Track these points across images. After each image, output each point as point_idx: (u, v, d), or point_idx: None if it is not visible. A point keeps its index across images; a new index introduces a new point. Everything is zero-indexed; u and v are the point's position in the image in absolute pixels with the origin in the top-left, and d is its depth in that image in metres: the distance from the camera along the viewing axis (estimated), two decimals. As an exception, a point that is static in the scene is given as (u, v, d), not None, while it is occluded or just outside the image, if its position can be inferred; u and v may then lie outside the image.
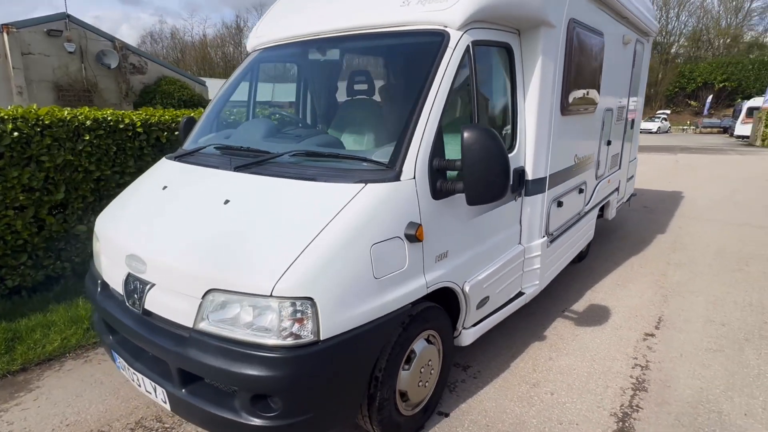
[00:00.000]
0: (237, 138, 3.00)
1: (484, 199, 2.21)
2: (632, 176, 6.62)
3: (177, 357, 1.98)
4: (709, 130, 35.09)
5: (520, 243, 3.30)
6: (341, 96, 3.03)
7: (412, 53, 2.58)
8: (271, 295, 1.82)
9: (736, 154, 18.77)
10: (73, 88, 15.11)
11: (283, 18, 3.34)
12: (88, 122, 4.03)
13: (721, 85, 41.34)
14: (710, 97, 39.35)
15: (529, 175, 3.15)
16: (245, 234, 2.03)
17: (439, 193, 2.33)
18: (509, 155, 2.88)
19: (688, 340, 3.58)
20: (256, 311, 1.87)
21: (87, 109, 4.17)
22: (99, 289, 2.53)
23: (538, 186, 3.25)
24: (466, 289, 2.64)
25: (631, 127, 5.96)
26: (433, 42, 2.48)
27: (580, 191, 4.18)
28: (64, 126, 3.90)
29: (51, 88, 14.65)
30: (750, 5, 47.95)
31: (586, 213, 4.52)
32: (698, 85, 42.46)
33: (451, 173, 2.38)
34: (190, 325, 1.99)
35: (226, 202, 2.24)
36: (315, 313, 1.85)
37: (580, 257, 5.20)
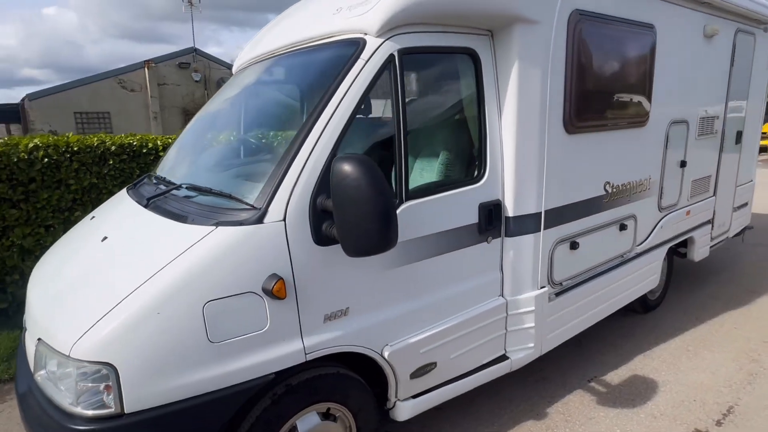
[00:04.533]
0: (181, 167, 2.88)
1: (359, 250, 1.72)
2: (745, 204, 5.14)
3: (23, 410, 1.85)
4: None
5: (501, 295, 2.63)
6: (267, 119, 2.72)
7: (322, 68, 2.19)
8: (69, 356, 1.59)
9: None
10: (198, 112, 17.15)
11: (258, 40, 3.18)
12: (113, 148, 4.33)
13: None
14: None
15: (510, 211, 2.50)
16: (84, 280, 1.85)
17: (327, 238, 1.89)
18: (475, 186, 2.35)
19: (761, 450, 2.50)
20: (60, 371, 1.65)
21: (119, 136, 4.52)
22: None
23: (526, 224, 2.56)
24: (386, 354, 2.12)
25: (737, 142, 4.62)
26: (345, 54, 2.07)
27: (623, 227, 3.27)
28: (91, 152, 4.24)
29: (179, 113, 16.88)
30: None
31: (640, 254, 3.53)
32: None
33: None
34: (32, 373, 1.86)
35: (104, 239, 2.09)
36: (117, 382, 1.56)
37: (647, 307, 4.12)
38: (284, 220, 1.81)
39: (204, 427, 1.72)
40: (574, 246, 2.87)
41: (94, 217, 2.56)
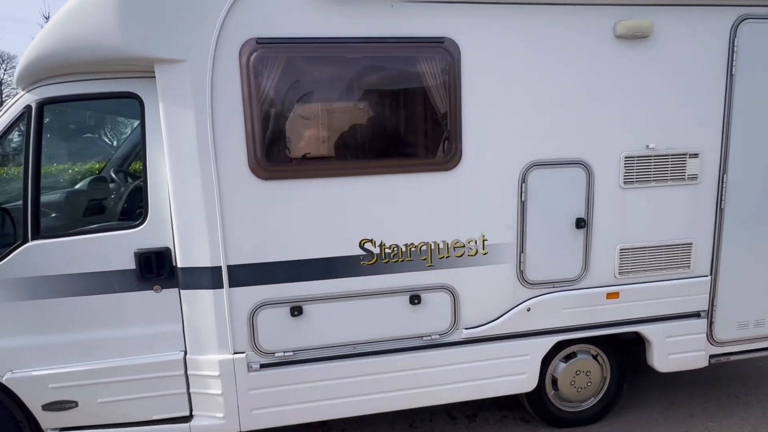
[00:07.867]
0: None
1: None
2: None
3: None
4: None
5: (183, 350, 2.43)
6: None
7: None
8: None
9: None
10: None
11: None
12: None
13: None
14: None
15: (180, 261, 2.33)
16: None
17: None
18: (128, 231, 2.37)
19: None
20: None
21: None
22: None
23: (199, 278, 2.34)
24: (4, 378, 2.29)
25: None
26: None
27: (416, 300, 2.50)
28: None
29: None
30: None
31: (478, 341, 2.62)
32: None
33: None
34: None
35: None
36: None
37: (553, 420, 2.95)
38: None
39: None
40: (296, 312, 2.40)
41: None
